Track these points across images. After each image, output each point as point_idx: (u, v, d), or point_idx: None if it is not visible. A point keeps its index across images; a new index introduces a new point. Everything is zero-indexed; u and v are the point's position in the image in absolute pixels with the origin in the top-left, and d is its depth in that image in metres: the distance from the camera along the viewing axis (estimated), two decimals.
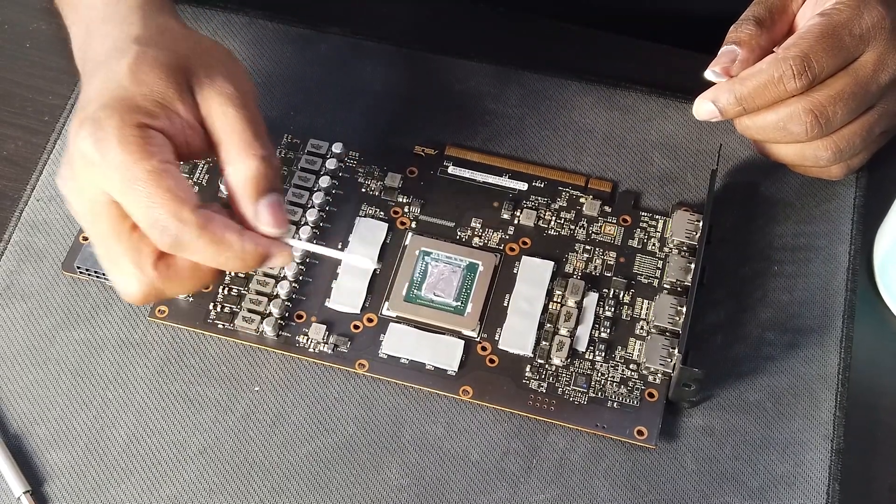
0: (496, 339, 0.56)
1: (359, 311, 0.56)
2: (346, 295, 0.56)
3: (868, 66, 0.54)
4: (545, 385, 0.54)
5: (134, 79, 0.49)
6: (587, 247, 0.58)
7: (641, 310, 0.56)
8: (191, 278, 0.49)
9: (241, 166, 0.49)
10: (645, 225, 0.59)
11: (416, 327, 0.56)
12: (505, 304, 0.56)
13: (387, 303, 0.56)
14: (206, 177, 0.60)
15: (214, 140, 0.50)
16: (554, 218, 0.59)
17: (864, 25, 0.53)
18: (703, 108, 0.55)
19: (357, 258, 0.53)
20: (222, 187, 0.59)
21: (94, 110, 0.48)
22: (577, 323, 0.56)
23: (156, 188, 0.46)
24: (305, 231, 0.57)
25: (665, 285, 0.57)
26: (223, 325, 0.56)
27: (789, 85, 0.53)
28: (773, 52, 0.54)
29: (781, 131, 0.54)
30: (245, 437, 0.53)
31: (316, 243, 0.56)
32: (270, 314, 0.56)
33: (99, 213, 0.48)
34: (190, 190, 0.47)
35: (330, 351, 0.55)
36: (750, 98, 0.54)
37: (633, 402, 0.54)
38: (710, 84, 0.55)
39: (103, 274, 0.56)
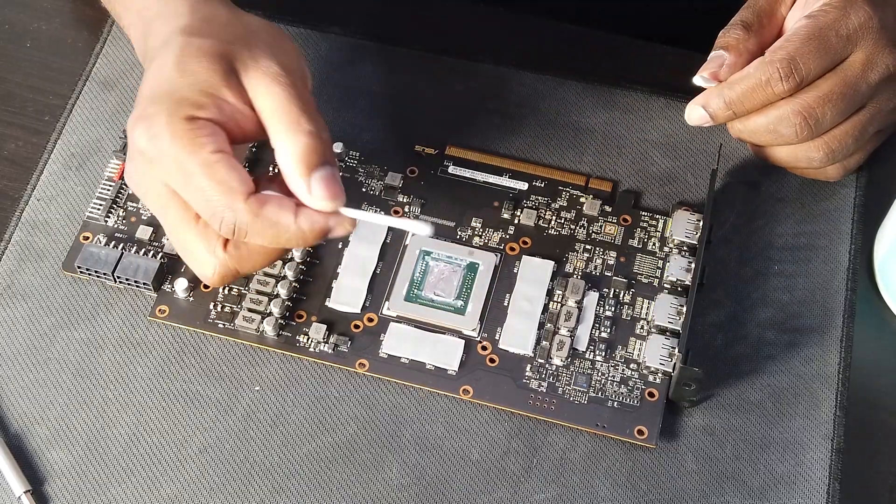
0: (496, 338, 0.56)
1: (359, 311, 0.56)
2: (347, 294, 0.56)
3: (857, 66, 0.54)
4: (545, 384, 0.54)
5: (179, 71, 0.49)
6: (587, 246, 0.58)
7: (642, 309, 0.56)
8: (260, 256, 0.50)
9: (288, 144, 0.48)
10: (645, 224, 0.59)
11: (416, 327, 0.56)
12: (505, 304, 0.56)
13: (387, 302, 0.56)
14: None
15: (263, 121, 0.49)
16: (554, 217, 0.59)
17: (850, 26, 0.53)
18: (695, 113, 0.55)
19: (415, 224, 0.50)
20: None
21: (145, 107, 0.48)
22: (578, 322, 0.56)
23: (209, 181, 0.47)
24: None
25: (665, 285, 0.57)
26: (224, 324, 0.56)
27: (777, 88, 0.53)
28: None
29: (772, 134, 0.54)
30: (245, 436, 0.53)
31: (375, 212, 0.54)
32: (271, 314, 0.56)
33: (165, 205, 0.49)
34: (243, 177, 0.47)
35: (330, 350, 0.55)
36: (739, 102, 0.54)
37: (633, 402, 0.54)
38: (702, 89, 0.55)
39: (104, 273, 0.56)
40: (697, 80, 0.55)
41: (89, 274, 0.56)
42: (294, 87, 0.49)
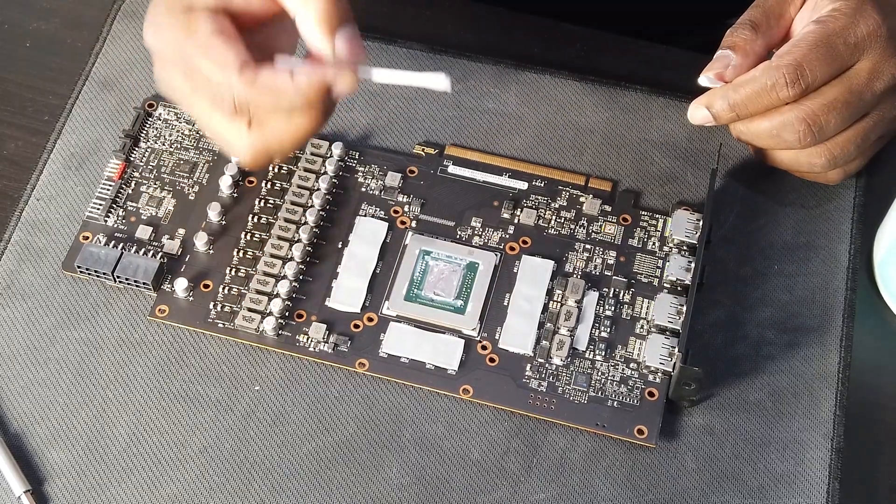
0: (496, 338, 0.56)
1: (359, 311, 0.56)
2: (347, 294, 0.56)
3: (863, 75, 0.53)
4: (545, 384, 0.54)
5: None
6: (587, 246, 0.58)
7: (641, 309, 0.56)
8: (283, 129, 0.50)
9: (309, 8, 0.49)
10: (645, 224, 0.59)
11: (416, 326, 0.56)
12: (505, 304, 0.56)
13: (387, 302, 0.56)
14: (206, 176, 0.60)
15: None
16: (554, 217, 0.59)
17: (859, 34, 0.53)
18: (698, 113, 0.55)
19: (429, 77, 0.49)
20: (222, 186, 0.59)
21: (150, 8, 0.51)
22: (578, 322, 0.56)
23: (205, 60, 0.48)
24: (305, 231, 0.57)
25: (665, 284, 0.57)
26: (223, 324, 0.56)
27: (782, 93, 0.53)
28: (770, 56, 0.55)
29: (775, 138, 0.54)
30: (245, 436, 0.53)
31: (389, 69, 0.52)
32: (271, 313, 0.56)
33: (189, 99, 0.51)
34: (238, 50, 0.48)
35: (330, 350, 0.55)
36: (743, 105, 0.54)
37: (633, 402, 0.54)
38: (705, 88, 0.55)
39: (104, 273, 0.56)
40: (702, 80, 0.55)
41: (89, 274, 0.56)
42: None
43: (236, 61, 0.48)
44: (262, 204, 0.59)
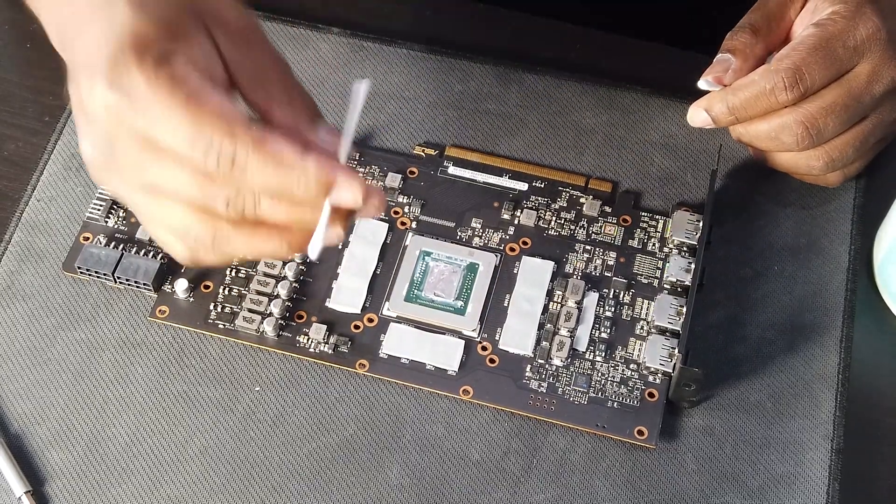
0: (496, 339, 0.56)
1: (359, 311, 0.56)
2: (347, 295, 0.56)
3: (862, 78, 0.53)
4: (545, 385, 0.54)
5: (138, 13, 0.43)
6: (587, 247, 0.58)
7: (641, 310, 0.56)
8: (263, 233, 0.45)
9: (292, 98, 0.46)
10: (645, 225, 0.59)
11: (416, 327, 0.56)
12: (505, 304, 0.56)
13: (387, 303, 0.56)
14: None
15: (244, 77, 0.45)
16: (554, 218, 0.59)
17: (858, 37, 0.53)
18: (697, 116, 0.55)
19: (358, 97, 0.45)
20: None
21: (105, 58, 0.43)
22: (578, 323, 0.56)
23: (198, 111, 0.42)
24: None
25: (665, 285, 0.57)
26: (224, 325, 0.56)
27: (781, 97, 0.53)
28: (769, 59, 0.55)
29: (773, 141, 0.54)
30: (246, 437, 0.53)
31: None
32: (271, 314, 0.56)
33: (152, 158, 0.43)
34: (237, 108, 0.43)
35: (330, 351, 0.55)
36: (742, 109, 0.54)
37: (633, 402, 0.54)
38: (705, 90, 0.55)
39: (104, 274, 0.56)
40: (702, 83, 0.55)
41: (89, 274, 0.56)
42: (269, 42, 0.46)
43: (240, 116, 0.42)
44: None
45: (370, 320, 0.56)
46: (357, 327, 0.56)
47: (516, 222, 0.59)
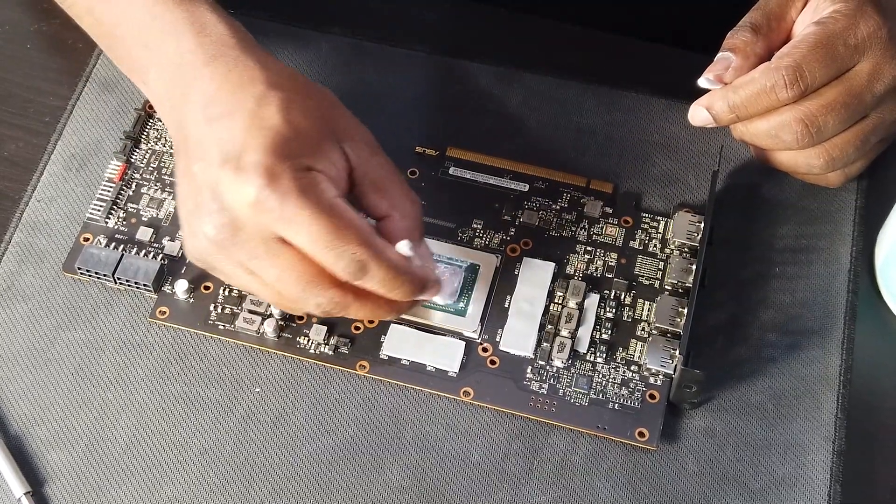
0: (497, 340, 0.55)
1: None
2: None
3: (862, 76, 0.53)
4: (546, 386, 0.54)
5: (291, 127, 0.48)
6: (588, 248, 0.58)
7: (642, 311, 0.56)
8: (368, 303, 0.50)
9: (408, 213, 0.51)
10: (646, 226, 0.59)
11: (416, 328, 0.56)
12: (506, 306, 0.56)
13: None
14: None
15: (367, 188, 0.51)
16: (555, 219, 0.59)
17: (859, 35, 0.53)
18: (698, 114, 0.55)
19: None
20: None
21: (258, 158, 0.47)
22: (579, 324, 0.56)
23: (339, 222, 0.47)
24: None
25: (666, 287, 0.57)
26: (224, 326, 0.56)
27: (781, 95, 0.53)
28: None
29: (773, 139, 0.54)
30: (246, 438, 0.53)
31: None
32: (271, 315, 0.56)
33: (275, 251, 0.48)
34: (363, 218, 0.49)
35: (331, 352, 0.55)
36: (742, 106, 0.54)
37: (634, 404, 0.54)
38: (706, 90, 0.55)
39: (104, 275, 0.56)
40: (702, 81, 0.55)
41: (89, 275, 0.56)
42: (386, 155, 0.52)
43: (371, 229, 0.48)
44: None
45: (370, 321, 0.56)
46: (357, 328, 0.56)
47: (517, 223, 0.59)
